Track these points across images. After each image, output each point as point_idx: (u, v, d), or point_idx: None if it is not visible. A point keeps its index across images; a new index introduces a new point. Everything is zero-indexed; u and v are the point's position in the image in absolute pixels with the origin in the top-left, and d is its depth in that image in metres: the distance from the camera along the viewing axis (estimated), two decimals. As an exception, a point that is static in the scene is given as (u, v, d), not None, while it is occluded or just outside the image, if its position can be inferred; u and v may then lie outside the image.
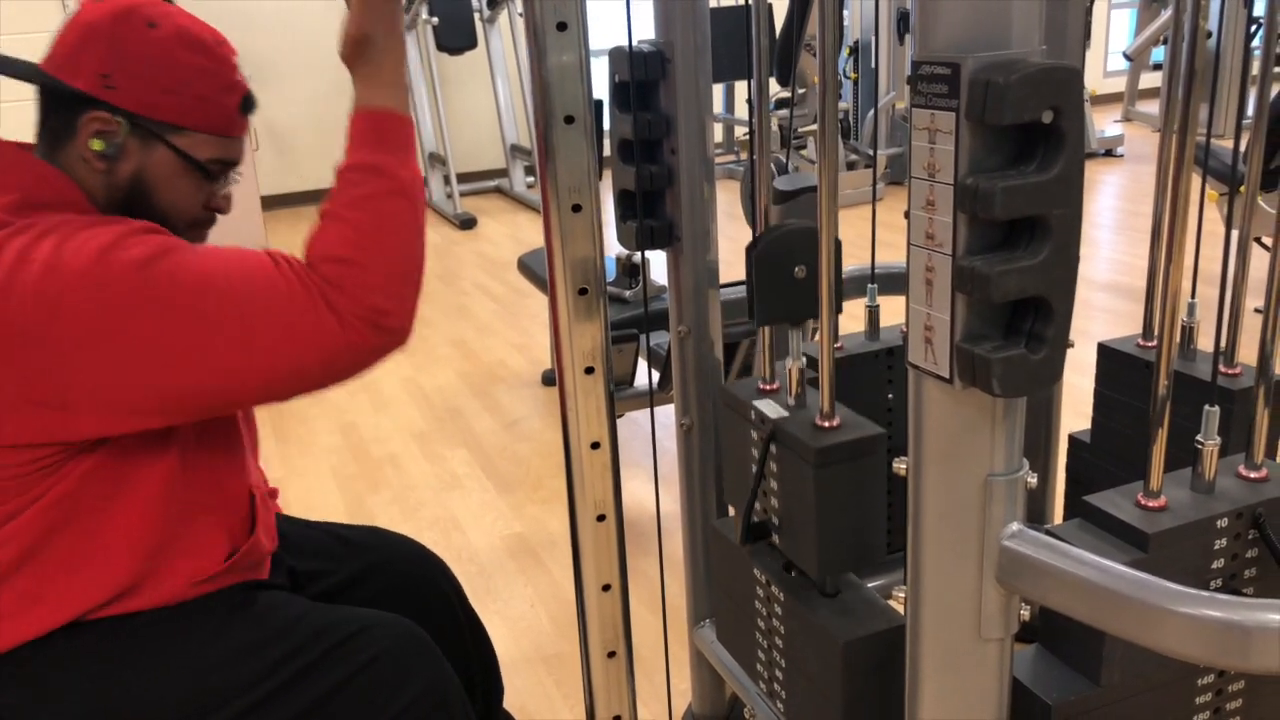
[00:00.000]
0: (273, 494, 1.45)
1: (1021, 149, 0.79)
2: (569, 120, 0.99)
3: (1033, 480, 0.90)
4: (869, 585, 1.22)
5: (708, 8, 1.35)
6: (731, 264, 2.12)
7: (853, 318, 1.77)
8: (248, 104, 1.15)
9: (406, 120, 1.08)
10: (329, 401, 3.36)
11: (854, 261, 1.76)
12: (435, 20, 5.82)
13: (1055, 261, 0.79)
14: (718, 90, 6.88)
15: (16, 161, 1.06)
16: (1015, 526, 0.89)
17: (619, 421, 2.90)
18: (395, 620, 1.17)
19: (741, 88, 6.71)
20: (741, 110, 6.73)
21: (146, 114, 1.07)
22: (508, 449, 2.93)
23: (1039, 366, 0.81)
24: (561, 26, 0.96)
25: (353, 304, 0.99)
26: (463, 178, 6.38)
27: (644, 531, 2.42)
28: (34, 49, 1.13)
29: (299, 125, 6.32)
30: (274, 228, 5.82)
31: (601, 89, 1.17)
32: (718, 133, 7.01)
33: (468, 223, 5.81)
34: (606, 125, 1.23)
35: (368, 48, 1.06)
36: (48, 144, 1.09)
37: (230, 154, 1.14)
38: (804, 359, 1.16)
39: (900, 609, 1.17)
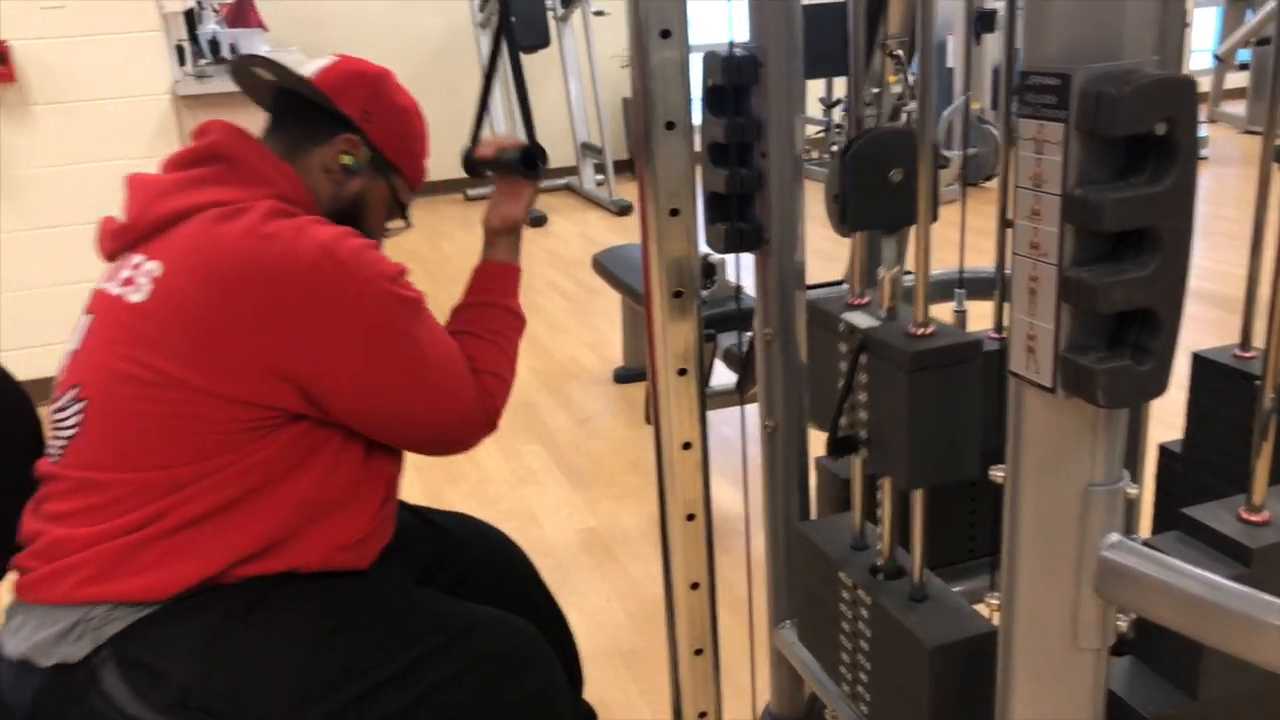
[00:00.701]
0: None
1: (1132, 160, 0.79)
2: (670, 126, 1.01)
3: (1134, 491, 0.90)
4: (956, 590, 1.22)
5: (800, 10, 1.35)
6: (810, 267, 2.13)
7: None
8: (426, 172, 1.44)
9: (520, 270, 1.42)
10: (405, 395, 3.42)
11: (937, 266, 1.75)
12: (512, 20, 5.86)
13: (1164, 273, 0.79)
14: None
15: (272, 162, 1.24)
16: (1115, 537, 0.89)
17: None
18: (513, 619, 1.22)
19: (813, 87, 6.67)
20: (813, 109, 6.69)
21: (384, 151, 1.33)
22: (581, 445, 2.96)
23: (1145, 378, 0.81)
24: (665, 34, 0.98)
25: (494, 409, 1.26)
26: (534, 175, 6.43)
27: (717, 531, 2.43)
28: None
29: (375, 122, 6.42)
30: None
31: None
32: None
33: (538, 220, 5.86)
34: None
35: (513, 225, 1.41)
36: (286, 145, 1.28)
37: (410, 202, 1.42)
38: (898, 268, 1.15)
39: (989, 615, 1.17)
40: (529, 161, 1.40)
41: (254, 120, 1.37)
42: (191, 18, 4.30)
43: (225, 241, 1.11)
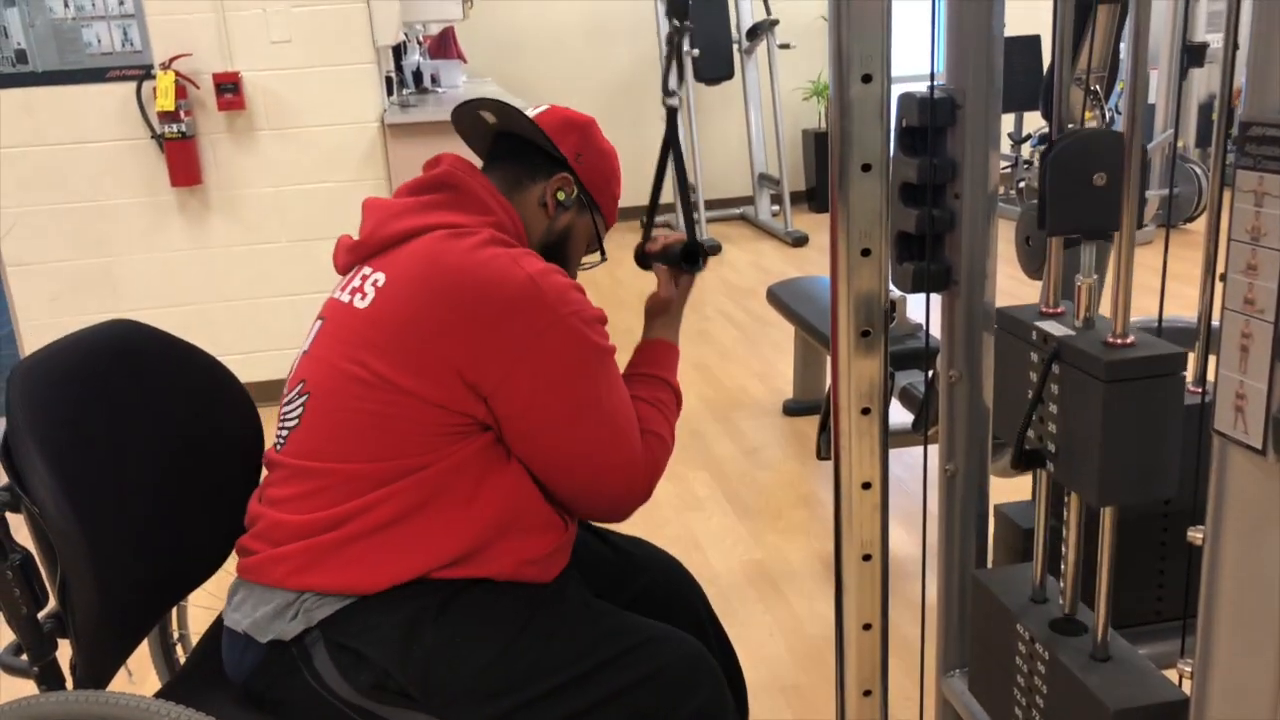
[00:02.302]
0: None
1: (1363, 215, 0.76)
2: (866, 168, 1.02)
3: (1352, 564, 0.85)
4: (1141, 653, 1.17)
5: (1002, 49, 1.34)
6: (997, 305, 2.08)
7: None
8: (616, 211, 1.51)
9: (678, 351, 1.49)
10: (578, 415, 3.52)
11: (1135, 313, 1.68)
12: (696, 52, 6.00)
13: (1396, 336, 0.75)
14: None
15: (494, 194, 1.35)
16: (1329, 613, 0.84)
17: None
18: (684, 637, 1.24)
19: (1003, 121, 6.48)
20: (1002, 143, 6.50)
21: (591, 191, 1.44)
22: (748, 476, 2.97)
23: (1369, 445, 0.77)
24: (866, 79, 1.00)
25: (654, 470, 1.31)
26: (709, 205, 6.51)
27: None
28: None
29: (560, 150, 6.62)
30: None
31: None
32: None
33: (713, 249, 5.92)
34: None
35: (670, 309, 1.50)
36: (507, 181, 1.39)
37: (604, 237, 1.51)
38: (1095, 277, 1.11)
39: (1178, 682, 1.12)
40: (690, 257, 1.53)
41: (455, 149, 1.47)
42: (399, 50, 4.58)
43: (448, 255, 1.22)
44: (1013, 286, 4.61)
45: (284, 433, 1.28)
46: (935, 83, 1.36)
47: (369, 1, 3.44)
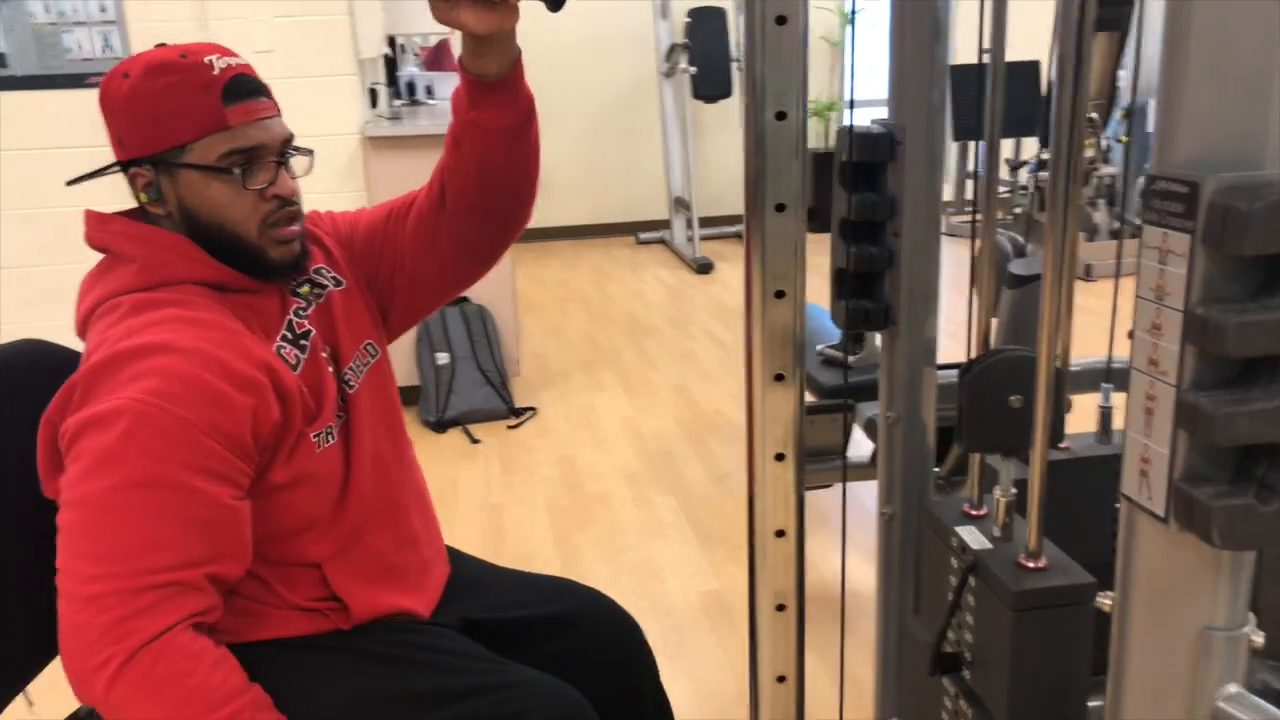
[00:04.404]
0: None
1: (1268, 279, 0.72)
2: (780, 208, 0.99)
3: (1259, 639, 0.81)
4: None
5: (946, 85, 1.31)
6: (949, 342, 2.04)
7: (1085, 412, 1.65)
8: (232, 92, 1.13)
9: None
10: (553, 434, 3.48)
11: (1092, 351, 1.64)
12: (694, 70, 5.98)
13: (1298, 406, 0.71)
14: (952, 145, 6.64)
15: (131, 235, 1.16)
16: (1233, 688, 0.80)
17: (827, 491, 2.82)
18: (556, 684, 1.17)
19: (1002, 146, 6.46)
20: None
21: (153, 151, 1.12)
22: (715, 502, 2.93)
23: (1270, 520, 0.73)
24: (780, 116, 0.96)
25: (102, 669, 1.00)
26: (704, 222, 6.47)
27: (851, 613, 2.35)
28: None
29: (557, 163, 6.61)
30: (522, 259, 6.14)
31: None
32: (947, 191, 6.78)
33: (705, 267, 5.89)
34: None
35: None
36: (145, 215, 1.20)
37: (240, 143, 1.13)
38: (1013, 490, 1.10)
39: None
40: None
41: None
42: (393, 61, 4.57)
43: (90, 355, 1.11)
44: (959, 315, 4.57)
45: None
46: (877, 120, 1.32)
47: (352, 14, 3.42)
